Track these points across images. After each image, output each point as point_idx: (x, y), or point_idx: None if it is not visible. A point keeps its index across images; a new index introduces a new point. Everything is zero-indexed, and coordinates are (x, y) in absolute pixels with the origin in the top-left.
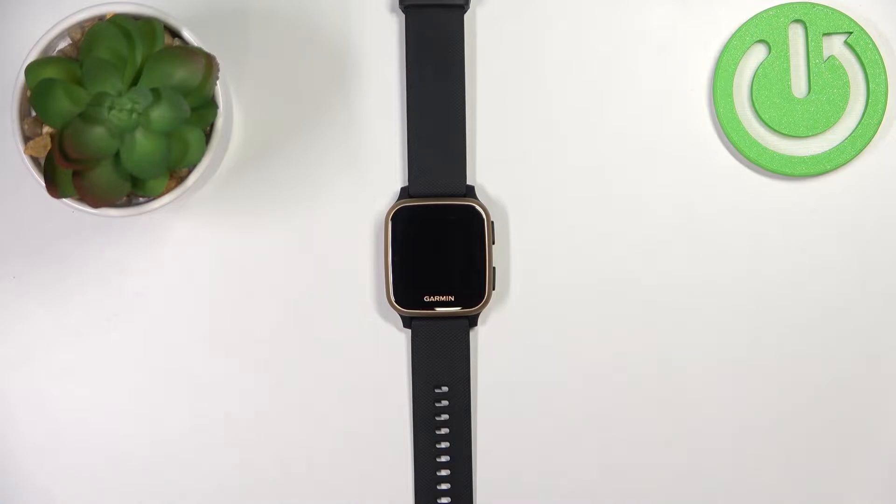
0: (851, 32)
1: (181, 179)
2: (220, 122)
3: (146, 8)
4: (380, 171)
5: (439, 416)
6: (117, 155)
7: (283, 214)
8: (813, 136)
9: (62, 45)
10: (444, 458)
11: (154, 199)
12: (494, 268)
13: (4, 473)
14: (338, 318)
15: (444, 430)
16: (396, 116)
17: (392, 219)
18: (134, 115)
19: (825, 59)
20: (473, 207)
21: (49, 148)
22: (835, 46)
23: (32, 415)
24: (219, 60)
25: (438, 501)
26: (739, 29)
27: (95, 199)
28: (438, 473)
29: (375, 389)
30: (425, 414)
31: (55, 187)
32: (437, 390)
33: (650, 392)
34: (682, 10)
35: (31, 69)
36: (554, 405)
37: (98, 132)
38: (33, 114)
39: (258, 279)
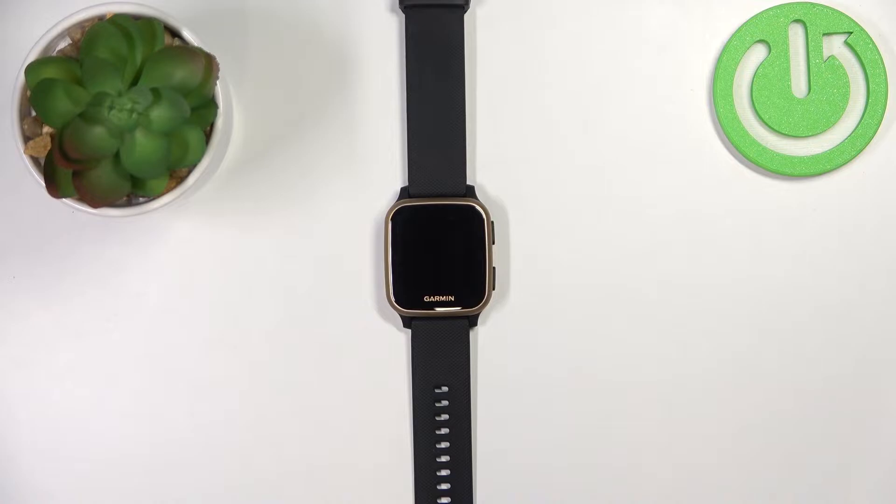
0: (851, 32)
1: (181, 179)
2: (220, 122)
3: (146, 8)
4: (380, 171)
5: (439, 416)
6: (117, 155)
7: (283, 214)
8: (813, 136)
9: (62, 45)
10: (444, 458)
11: (154, 199)
12: (494, 268)
13: (4, 473)
14: (338, 318)
15: (444, 430)
16: (396, 116)
17: (392, 219)
18: (134, 115)
19: (825, 59)
20: (473, 207)
21: (49, 148)
22: (835, 46)
23: (32, 415)
24: (219, 60)
25: (438, 501)
26: (739, 29)
27: (95, 199)
28: (438, 473)
29: (375, 389)
30: (425, 414)
31: (55, 187)
32: (437, 390)
33: (650, 392)
34: (681, 11)
35: (31, 69)
36: (554, 405)
37: (98, 132)
38: (33, 114)
39: (258, 279)
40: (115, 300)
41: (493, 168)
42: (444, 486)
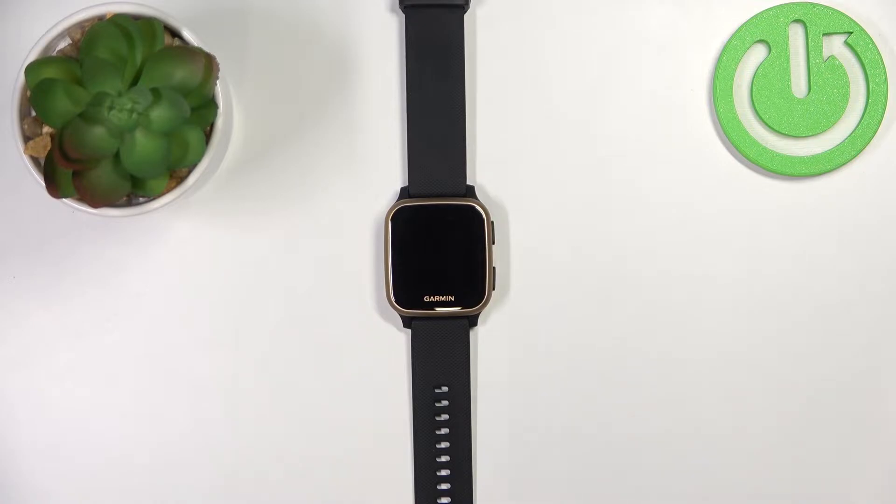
0: (851, 32)
1: (181, 179)
2: (220, 122)
3: (146, 8)
4: (380, 171)
5: (439, 416)
6: (117, 155)
7: (284, 214)
8: (813, 136)
9: (62, 45)
10: (444, 458)
11: (154, 199)
12: (494, 268)
13: (4, 473)
14: (338, 318)
15: (444, 430)
16: (396, 116)
17: (392, 219)
18: (134, 115)
19: (825, 59)
20: (473, 207)
21: (49, 148)
22: (835, 46)
23: (32, 415)
24: (219, 60)
25: (438, 501)
26: (739, 29)
27: (95, 199)
28: (438, 473)
29: (375, 389)
30: (425, 414)
31: (55, 187)
32: (437, 390)
33: (650, 392)
34: (681, 11)
35: (31, 69)
36: (554, 404)
37: (98, 132)
38: (33, 114)
39: (258, 279)
40: (115, 300)
41: (493, 168)
42: (444, 486)
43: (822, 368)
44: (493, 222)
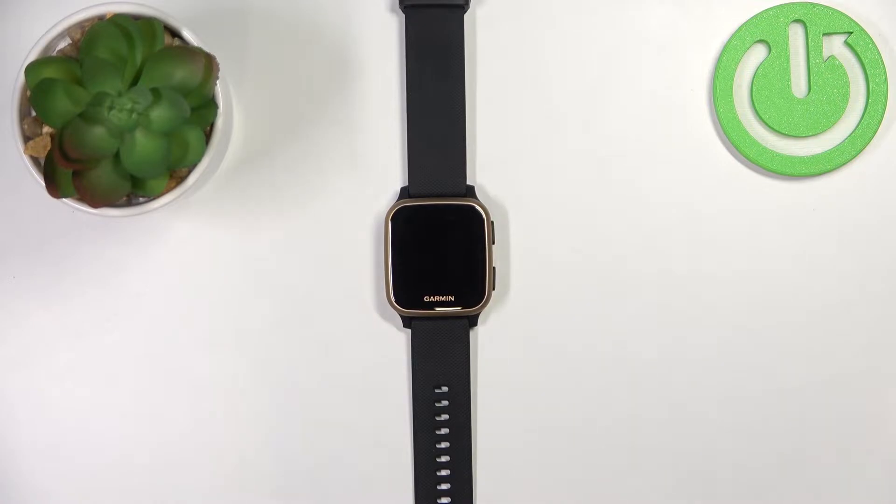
0: (851, 32)
1: (181, 179)
2: (220, 122)
3: (146, 8)
4: (380, 171)
5: (439, 416)
6: (117, 155)
7: (283, 214)
8: (813, 136)
9: (62, 45)
10: (444, 458)
11: (154, 199)
12: (494, 268)
13: (4, 473)
14: (338, 318)
15: (444, 430)
16: (396, 116)
17: (392, 219)
18: (134, 115)
19: (825, 59)
20: (473, 207)
21: (49, 148)
22: (835, 46)
23: (32, 415)
24: (219, 60)
25: (438, 501)
26: (739, 29)
27: (95, 199)
28: (438, 473)
29: (375, 389)
30: (425, 414)
31: (55, 187)
32: (437, 390)
33: (650, 392)
34: (681, 11)
35: (31, 69)
36: (554, 405)
37: (98, 132)
38: (33, 114)
39: (258, 279)
40: (115, 300)
41: (493, 168)
42: (444, 486)
43: (822, 368)
44: (493, 222)
